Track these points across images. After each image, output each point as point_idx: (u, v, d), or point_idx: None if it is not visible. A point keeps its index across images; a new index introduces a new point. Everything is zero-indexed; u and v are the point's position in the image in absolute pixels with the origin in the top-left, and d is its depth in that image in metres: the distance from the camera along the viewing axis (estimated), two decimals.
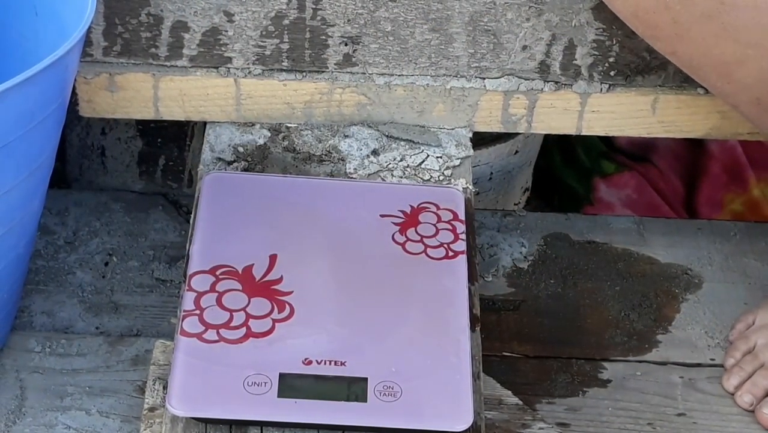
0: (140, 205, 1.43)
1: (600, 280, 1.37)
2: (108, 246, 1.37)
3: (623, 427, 1.22)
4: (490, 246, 1.39)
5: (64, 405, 1.20)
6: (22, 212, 1.13)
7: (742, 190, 1.68)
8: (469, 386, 1.04)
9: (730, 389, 1.26)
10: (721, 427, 1.23)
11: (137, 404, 1.19)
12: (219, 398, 1.02)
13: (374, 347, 1.06)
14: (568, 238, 1.42)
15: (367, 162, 1.29)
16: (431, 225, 1.19)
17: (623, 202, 1.68)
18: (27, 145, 1.07)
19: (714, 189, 1.68)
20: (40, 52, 1.10)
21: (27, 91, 1.03)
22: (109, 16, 1.26)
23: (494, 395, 1.15)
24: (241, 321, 1.07)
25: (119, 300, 1.32)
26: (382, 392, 1.03)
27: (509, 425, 1.13)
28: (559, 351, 1.29)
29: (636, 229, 1.44)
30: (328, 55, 1.30)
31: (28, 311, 1.30)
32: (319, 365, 1.05)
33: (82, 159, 1.48)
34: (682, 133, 1.34)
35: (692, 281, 1.38)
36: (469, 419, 1.02)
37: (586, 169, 1.71)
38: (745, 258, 1.41)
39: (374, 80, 1.30)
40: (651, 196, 1.69)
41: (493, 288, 1.35)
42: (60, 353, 1.25)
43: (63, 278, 1.34)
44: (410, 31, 1.28)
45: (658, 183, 1.69)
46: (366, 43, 1.29)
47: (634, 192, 1.68)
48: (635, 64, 1.30)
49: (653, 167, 1.70)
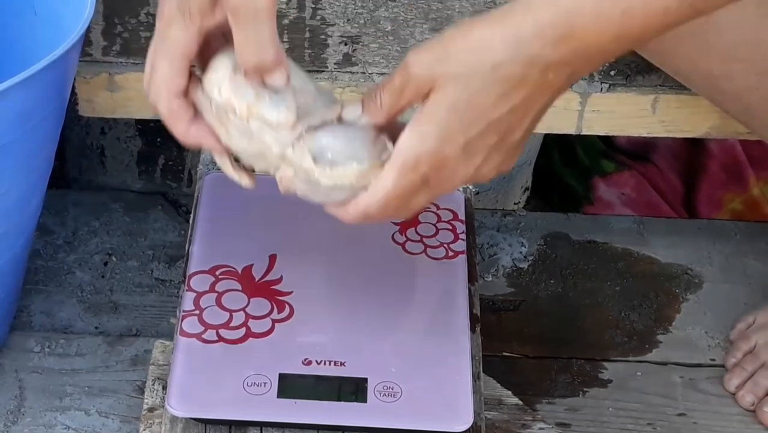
0: (139, 204, 1.43)
1: (600, 280, 1.37)
2: (107, 246, 1.37)
3: (623, 427, 1.22)
4: (490, 246, 1.39)
5: (64, 405, 1.20)
6: (21, 212, 1.13)
7: (742, 190, 1.68)
8: (469, 386, 1.04)
9: (731, 389, 1.26)
10: (722, 427, 1.23)
11: (136, 405, 1.19)
12: (218, 399, 1.02)
13: (374, 348, 1.06)
14: (568, 238, 1.42)
15: None
16: (431, 225, 1.19)
17: (623, 201, 1.68)
18: (26, 145, 1.07)
19: (714, 188, 1.68)
20: (38, 51, 1.10)
21: (26, 91, 1.03)
22: (109, 16, 1.26)
23: (494, 396, 1.15)
24: (241, 321, 1.07)
25: (118, 300, 1.32)
26: (382, 393, 1.03)
27: (509, 426, 1.13)
28: (560, 351, 1.29)
29: (636, 229, 1.44)
30: (328, 55, 1.29)
31: (27, 310, 1.29)
32: (319, 366, 1.04)
33: (81, 159, 1.48)
34: (683, 132, 1.34)
35: (692, 281, 1.38)
36: (469, 419, 1.02)
37: (585, 168, 1.71)
38: (746, 258, 1.41)
39: (374, 80, 1.30)
40: (650, 195, 1.68)
41: (493, 288, 1.35)
42: (59, 353, 1.25)
43: (62, 277, 1.33)
44: (410, 30, 1.28)
45: (658, 182, 1.69)
46: (366, 43, 1.29)
47: (633, 191, 1.68)
48: (635, 63, 1.30)
49: (653, 166, 1.70)
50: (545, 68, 0.87)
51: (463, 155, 0.91)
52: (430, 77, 0.89)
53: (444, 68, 0.89)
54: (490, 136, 0.90)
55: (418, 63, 0.90)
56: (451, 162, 0.91)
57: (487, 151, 0.91)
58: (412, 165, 0.91)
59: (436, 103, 0.89)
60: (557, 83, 0.89)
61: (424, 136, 0.90)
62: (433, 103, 0.89)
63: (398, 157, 0.91)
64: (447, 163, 0.91)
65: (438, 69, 0.89)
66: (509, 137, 0.91)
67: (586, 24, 0.85)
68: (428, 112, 0.90)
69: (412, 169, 0.91)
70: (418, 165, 0.91)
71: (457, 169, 0.91)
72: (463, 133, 0.89)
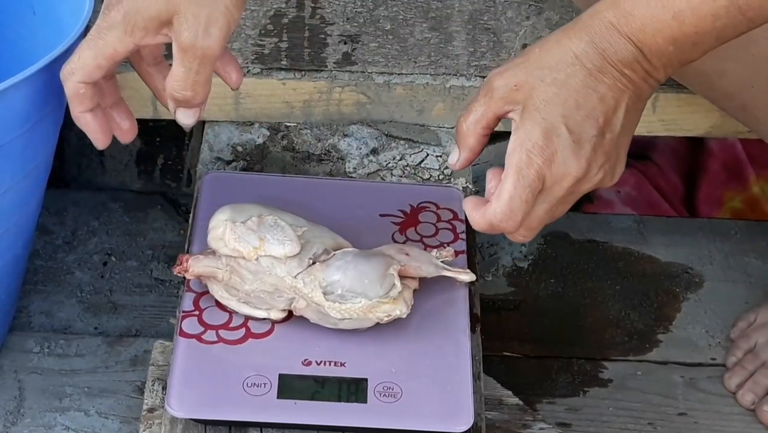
0: (139, 204, 1.43)
1: (600, 279, 1.37)
2: (106, 246, 1.37)
3: (624, 427, 1.22)
4: (490, 245, 1.39)
5: (63, 406, 1.20)
6: (20, 212, 1.13)
7: (742, 188, 1.68)
8: (469, 386, 1.04)
9: (731, 388, 1.26)
10: (722, 427, 1.23)
11: (136, 405, 1.19)
12: (218, 400, 1.02)
13: (374, 348, 1.06)
14: (569, 237, 1.42)
15: (366, 161, 1.28)
16: (431, 225, 1.18)
17: (623, 199, 1.67)
18: (25, 145, 1.07)
19: (714, 187, 1.68)
20: (37, 51, 1.10)
21: (24, 91, 1.02)
22: None
23: (494, 396, 1.14)
24: (241, 322, 1.07)
25: (118, 300, 1.32)
26: (382, 393, 1.03)
27: (510, 426, 1.13)
28: (560, 351, 1.29)
29: (636, 228, 1.44)
30: (327, 54, 1.29)
31: (27, 311, 1.29)
32: (319, 366, 1.04)
33: (80, 158, 1.48)
34: (683, 131, 1.34)
35: (693, 280, 1.38)
36: (470, 420, 1.02)
37: None
38: (746, 257, 1.40)
39: (373, 79, 1.30)
40: (650, 193, 1.68)
41: (493, 288, 1.34)
42: (59, 354, 1.25)
43: (61, 278, 1.33)
44: (410, 29, 1.28)
45: (658, 180, 1.69)
46: (365, 42, 1.29)
47: (633, 189, 1.68)
48: None
49: (653, 165, 1.70)
50: (619, 62, 0.94)
51: (571, 146, 0.94)
52: (516, 84, 0.95)
53: (528, 71, 0.95)
54: (590, 125, 0.94)
55: (499, 76, 0.96)
56: (561, 154, 0.94)
57: (593, 143, 0.95)
58: (526, 161, 0.94)
59: (530, 102, 0.94)
60: (636, 80, 0.95)
61: (528, 133, 0.94)
62: (527, 103, 0.94)
63: (511, 159, 0.95)
64: (557, 156, 0.94)
65: (521, 74, 0.95)
66: (608, 132, 0.95)
67: (642, 25, 0.92)
68: (526, 113, 0.95)
69: (527, 165, 0.94)
70: (531, 160, 0.94)
71: (569, 162, 0.94)
72: (563, 123, 0.94)
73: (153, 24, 0.96)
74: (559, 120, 0.94)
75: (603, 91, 0.94)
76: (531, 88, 0.95)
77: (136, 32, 0.97)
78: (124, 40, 0.97)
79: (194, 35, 0.95)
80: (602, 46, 0.93)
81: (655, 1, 0.92)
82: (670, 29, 0.92)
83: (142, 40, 0.97)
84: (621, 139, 0.96)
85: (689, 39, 0.92)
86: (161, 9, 0.96)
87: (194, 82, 0.98)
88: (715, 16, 0.91)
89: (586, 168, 0.95)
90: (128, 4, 0.97)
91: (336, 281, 1.02)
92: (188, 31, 0.95)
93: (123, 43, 0.98)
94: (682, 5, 0.91)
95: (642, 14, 0.92)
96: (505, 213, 0.95)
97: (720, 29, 0.92)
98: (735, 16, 0.91)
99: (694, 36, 0.92)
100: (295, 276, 1.03)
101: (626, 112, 0.95)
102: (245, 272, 1.03)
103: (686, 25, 0.91)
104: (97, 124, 1.01)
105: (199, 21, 0.95)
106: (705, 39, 0.92)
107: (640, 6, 0.92)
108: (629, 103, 0.95)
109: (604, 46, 0.93)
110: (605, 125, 0.95)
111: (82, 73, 0.99)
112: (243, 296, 1.05)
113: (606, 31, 0.93)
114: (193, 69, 0.97)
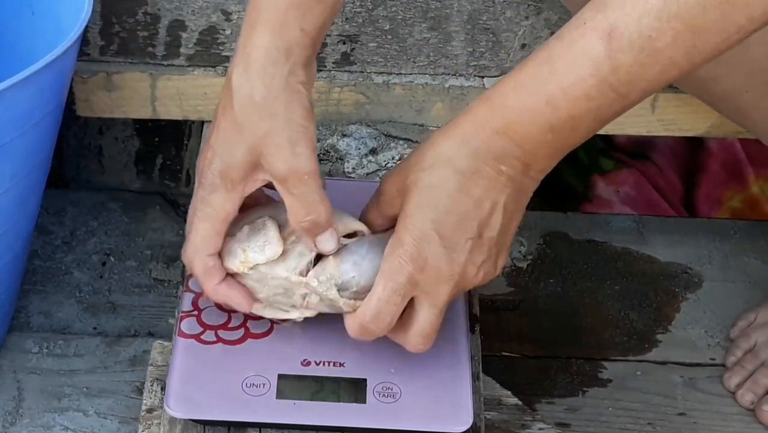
0: (138, 204, 1.43)
1: (599, 279, 1.37)
2: (105, 246, 1.37)
3: (623, 427, 1.22)
4: None
5: (62, 406, 1.20)
6: (19, 212, 1.13)
7: (742, 188, 1.68)
8: (468, 386, 1.04)
9: (731, 388, 1.26)
10: (722, 427, 1.23)
11: (135, 405, 1.19)
12: (217, 400, 1.02)
13: (373, 348, 1.06)
14: (568, 237, 1.42)
15: (365, 161, 1.28)
16: None
17: (622, 199, 1.67)
18: (24, 145, 1.07)
19: (713, 186, 1.68)
20: (36, 51, 1.10)
21: (24, 91, 1.02)
22: (106, 15, 1.25)
23: (494, 396, 1.14)
24: (240, 322, 1.07)
25: (117, 300, 1.32)
26: (382, 393, 1.03)
27: (509, 426, 1.13)
28: (559, 351, 1.29)
29: (636, 228, 1.44)
30: (326, 54, 1.29)
31: (26, 311, 1.29)
32: (318, 366, 1.04)
33: (79, 158, 1.47)
34: (682, 131, 1.34)
35: (692, 280, 1.38)
36: (469, 420, 1.01)
37: (584, 166, 1.70)
38: (746, 257, 1.40)
39: (372, 79, 1.30)
40: (650, 193, 1.68)
41: (492, 288, 1.34)
42: (57, 354, 1.25)
43: (60, 278, 1.33)
44: (409, 29, 1.28)
45: (657, 180, 1.69)
46: (364, 42, 1.29)
47: (633, 189, 1.68)
48: None
49: (652, 164, 1.70)
50: (494, 160, 0.93)
51: (443, 252, 0.94)
52: (399, 188, 0.96)
53: (405, 175, 0.95)
54: (465, 229, 0.94)
55: (389, 179, 0.98)
56: (433, 260, 0.95)
57: (469, 247, 0.95)
58: (397, 268, 0.95)
59: (406, 207, 0.95)
60: (514, 176, 0.93)
61: (401, 239, 0.95)
62: (404, 207, 0.95)
63: (384, 263, 0.96)
64: (429, 262, 0.95)
65: (401, 179, 0.96)
66: (486, 232, 0.95)
67: (516, 116, 0.91)
68: (401, 218, 0.95)
69: (397, 272, 0.95)
70: (402, 267, 0.95)
71: (441, 268, 0.95)
72: (434, 229, 0.94)
73: (247, 172, 0.97)
74: (429, 226, 0.94)
75: (478, 194, 0.93)
76: (407, 192, 0.95)
77: (237, 186, 0.98)
78: (229, 198, 0.98)
79: (285, 163, 0.95)
80: (474, 145, 0.92)
81: (525, 89, 0.90)
82: (545, 116, 0.90)
83: (245, 191, 0.98)
84: (502, 237, 0.96)
85: (566, 124, 0.90)
86: (246, 156, 0.96)
87: (309, 205, 0.96)
88: (588, 97, 0.89)
89: (461, 272, 0.95)
90: (218, 164, 0.97)
91: (351, 278, 1.00)
92: (278, 163, 0.95)
93: (230, 202, 0.98)
94: (553, 89, 0.89)
95: (514, 105, 0.91)
96: (372, 315, 0.97)
97: (595, 110, 0.90)
98: (608, 94, 0.88)
99: (570, 120, 0.90)
100: (305, 273, 1.01)
101: (505, 211, 0.95)
102: (251, 282, 1.02)
103: (560, 109, 0.89)
104: (237, 289, 1.01)
105: (283, 149, 0.95)
106: (582, 122, 0.90)
107: (510, 97, 0.91)
108: (508, 201, 0.94)
109: (477, 145, 0.92)
110: (482, 227, 0.95)
111: (206, 247, 1.00)
112: (267, 302, 1.04)
113: (478, 129, 0.92)
114: (301, 193, 0.96)
